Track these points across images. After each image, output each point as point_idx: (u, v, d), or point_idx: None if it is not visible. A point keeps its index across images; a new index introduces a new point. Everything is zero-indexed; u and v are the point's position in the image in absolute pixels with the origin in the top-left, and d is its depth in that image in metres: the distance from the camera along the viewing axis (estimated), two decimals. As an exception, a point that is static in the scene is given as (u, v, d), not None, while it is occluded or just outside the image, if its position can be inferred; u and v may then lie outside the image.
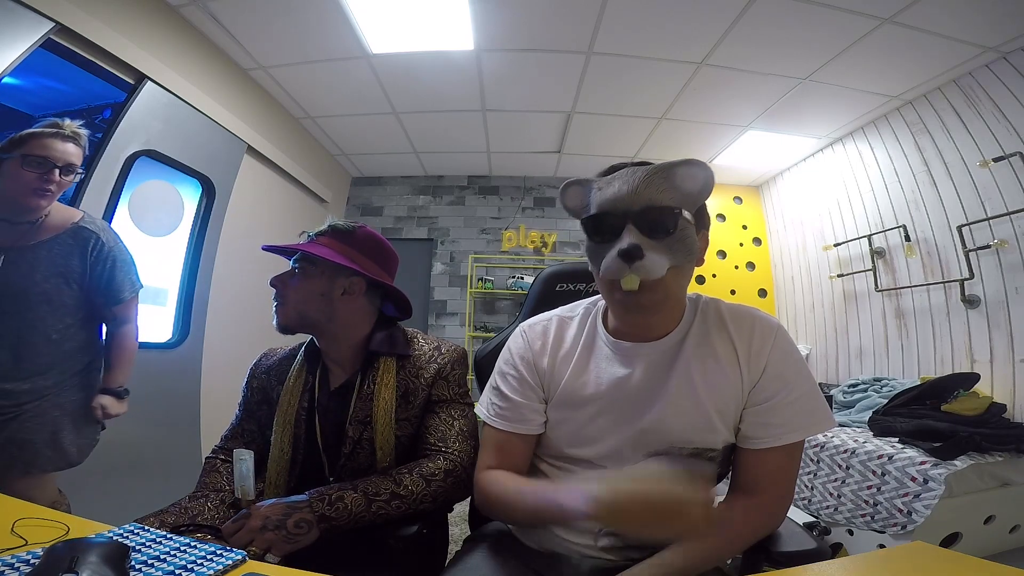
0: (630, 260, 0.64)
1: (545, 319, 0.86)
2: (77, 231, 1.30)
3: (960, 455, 1.77)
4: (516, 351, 0.84)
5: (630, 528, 0.58)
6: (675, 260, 0.67)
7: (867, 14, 2.16)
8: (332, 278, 0.95)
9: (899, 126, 2.94)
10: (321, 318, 0.94)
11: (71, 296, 1.29)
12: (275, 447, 0.93)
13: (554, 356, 0.81)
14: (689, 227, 0.69)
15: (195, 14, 2.31)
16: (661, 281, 0.66)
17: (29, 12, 1.61)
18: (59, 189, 1.23)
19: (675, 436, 0.72)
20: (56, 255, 1.25)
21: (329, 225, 0.99)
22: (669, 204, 0.67)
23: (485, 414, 0.83)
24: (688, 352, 0.74)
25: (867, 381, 2.81)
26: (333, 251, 0.94)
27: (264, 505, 0.78)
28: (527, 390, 0.80)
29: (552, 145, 3.77)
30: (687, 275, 0.72)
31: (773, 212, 4.19)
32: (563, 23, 2.37)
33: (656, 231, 0.66)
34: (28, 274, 1.21)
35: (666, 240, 0.66)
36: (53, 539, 0.57)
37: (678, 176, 0.68)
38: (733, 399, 0.72)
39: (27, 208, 1.20)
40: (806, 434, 0.71)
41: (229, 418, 1.04)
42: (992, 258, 2.34)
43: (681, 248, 0.67)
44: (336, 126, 3.54)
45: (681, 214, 0.67)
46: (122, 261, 1.37)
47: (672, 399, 0.72)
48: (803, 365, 0.74)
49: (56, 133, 1.22)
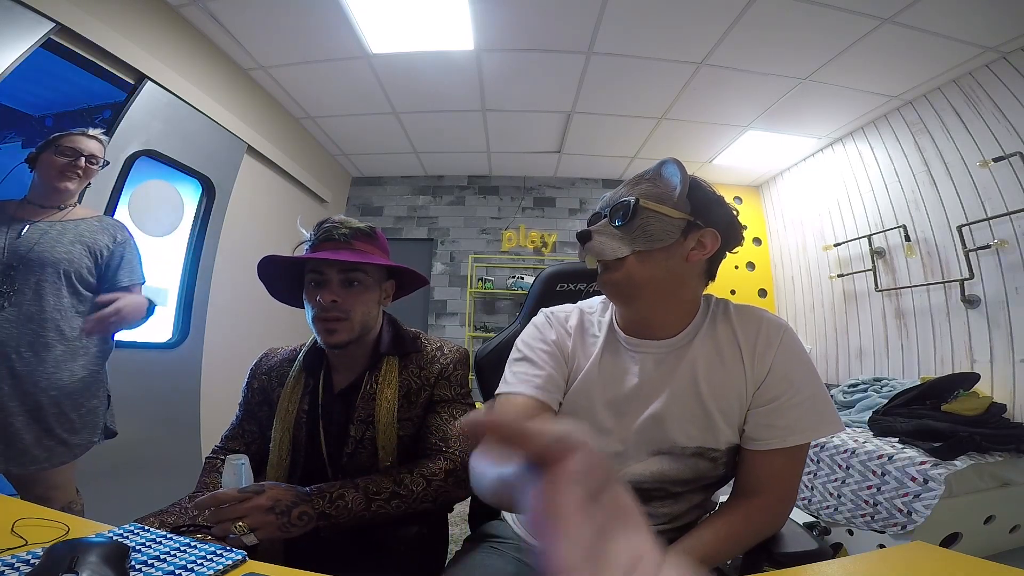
0: (583, 242, 0.73)
1: (567, 309, 0.87)
2: (103, 218, 1.48)
3: (960, 455, 1.77)
4: (544, 329, 0.83)
5: None
6: (635, 245, 0.71)
7: (867, 14, 2.16)
8: (380, 284, 0.96)
9: (899, 126, 2.94)
10: (372, 326, 0.95)
11: (89, 271, 1.37)
12: (274, 452, 0.93)
13: (576, 343, 0.82)
14: (656, 217, 0.71)
15: (195, 14, 2.31)
16: (621, 263, 0.71)
17: (29, 12, 1.61)
18: (85, 175, 1.39)
19: (676, 434, 0.72)
20: (83, 230, 1.39)
21: (351, 228, 0.92)
22: (632, 196, 0.73)
23: (507, 384, 0.78)
24: (695, 351, 0.74)
25: (867, 381, 2.81)
26: (378, 256, 0.94)
27: (275, 486, 0.75)
28: (556, 363, 0.79)
29: (552, 145, 3.77)
30: (657, 263, 0.72)
31: (773, 212, 4.20)
32: (563, 23, 2.37)
33: (617, 220, 0.73)
34: (56, 238, 1.33)
35: (623, 227, 0.72)
36: (53, 539, 0.57)
37: (661, 176, 0.75)
38: (737, 399, 0.72)
39: (56, 190, 1.35)
40: (811, 437, 0.70)
41: (229, 418, 1.04)
42: (992, 258, 2.34)
43: (641, 235, 0.71)
44: (336, 126, 3.54)
45: (640, 203, 0.72)
46: (138, 252, 1.51)
47: (674, 397, 0.72)
48: (810, 366, 0.73)
49: (83, 133, 1.41)
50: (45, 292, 1.29)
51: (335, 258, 0.88)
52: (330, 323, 0.88)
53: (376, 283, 0.95)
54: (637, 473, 0.73)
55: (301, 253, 0.95)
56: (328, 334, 0.89)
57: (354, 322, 0.90)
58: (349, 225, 0.93)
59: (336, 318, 0.88)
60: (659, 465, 0.73)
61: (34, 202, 1.35)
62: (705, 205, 0.75)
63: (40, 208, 1.35)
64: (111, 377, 1.47)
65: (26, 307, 1.26)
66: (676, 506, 0.73)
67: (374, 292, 0.94)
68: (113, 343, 1.48)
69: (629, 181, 0.77)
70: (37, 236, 1.30)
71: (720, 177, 4.21)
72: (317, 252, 0.90)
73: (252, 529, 0.69)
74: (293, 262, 0.93)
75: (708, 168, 4.03)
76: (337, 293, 0.88)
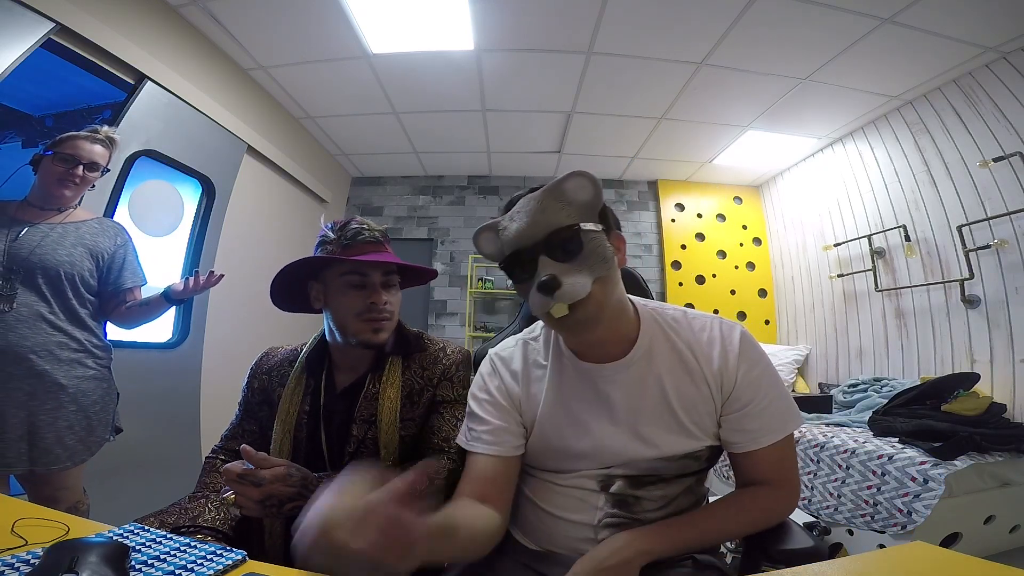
0: (550, 292, 0.65)
1: (511, 345, 0.86)
2: (103, 220, 1.48)
3: (960, 455, 1.77)
4: (488, 378, 0.83)
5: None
6: (595, 273, 0.67)
7: (867, 14, 2.16)
8: (401, 286, 0.99)
9: (899, 126, 2.94)
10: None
11: (91, 274, 1.38)
12: (274, 452, 0.93)
13: (527, 382, 0.80)
14: (597, 236, 0.69)
15: (195, 14, 2.31)
16: (589, 296, 0.67)
17: (29, 12, 1.61)
18: (83, 183, 1.38)
19: (663, 450, 0.73)
20: (84, 232, 1.39)
21: (378, 230, 0.96)
22: (568, 223, 0.68)
23: (464, 441, 0.80)
24: (660, 366, 0.75)
25: (867, 381, 2.81)
26: (393, 257, 0.96)
27: (281, 477, 0.76)
28: (503, 413, 0.79)
29: (552, 145, 3.77)
30: (614, 281, 0.72)
31: (773, 212, 4.20)
32: (563, 23, 2.37)
33: (566, 253, 0.67)
34: (58, 241, 1.33)
35: (579, 258, 0.67)
36: (53, 539, 0.57)
37: (568, 192, 0.69)
38: (707, 413, 0.74)
39: (53, 196, 1.35)
40: (781, 435, 0.73)
41: (229, 418, 1.04)
42: (992, 258, 2.34)
43: (596, 260, 0.68)
44: (336, 126, 3.54)
45: (582, 228, 0.68)
46: (137, 254, 1.52)
47: (650, 415, 0.73)
48: (770, 368, 0.75)
49: (88, 136, 1.39)
50: (50, 294, 1.29)
51: (393, 262, 0.93)
52: (378, 323, 0.92)
53: (400, 283, 0.99)
54: (626, 469, 0.74)
55: (320, 252, 0.95)
56: (375, 333, 0.92)
57: (394, 321, 0.96)
58: (375, 227, 0.96)
59: (385, 318, 0.93)
60: (648, 465, 0.74)
61: (34, 204, 1.35)
62: (602, 209, 0.73)
63: (39, 210, 1.35)
64: (114, 377, 1.48)
65: (35, 308, 1.27)
66: (669, 488, 0.75)
67: (399, 292, 0.99)
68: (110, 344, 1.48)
69: (531, 209, 0.69)
70: (38, 239, 1.30)
71: (720, 177, 4.22)
72: (363, 254, 0.92)
73: (245, 504, 0.74)
74: (304, 264, 0.94)
75: (708, 168, 4.04)
76: (388, 299, 0.94)
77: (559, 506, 0.76)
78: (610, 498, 0.73)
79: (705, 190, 4.32)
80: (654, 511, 0.74)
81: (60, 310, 1.31)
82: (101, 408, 1.38)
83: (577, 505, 0.74)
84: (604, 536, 0.72)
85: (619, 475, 0.74)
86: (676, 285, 4.12)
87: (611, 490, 0.73)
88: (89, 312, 1.38)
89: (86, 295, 1.37)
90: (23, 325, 1.25)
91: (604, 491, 0.74)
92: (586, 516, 0.73)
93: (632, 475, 0.73)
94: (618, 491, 0.73)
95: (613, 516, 0.73)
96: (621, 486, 0.73)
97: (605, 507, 0.73)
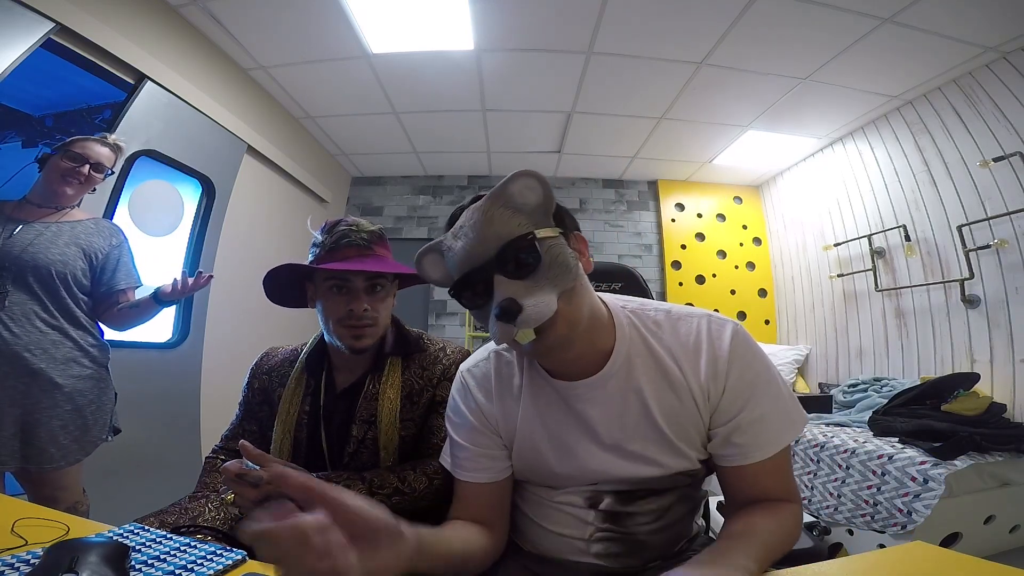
0: (511, 318, 0.56)
1: (483, 357, 0.77)
2: (98, 220, 1.48)
3: (960, 455, 1.77)
4: (463, 399, 0.76)
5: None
6: (558, 286, 0.59)
7: (867, 14, 2.16)
8: (393, 287, 0.97)
9: (899, 126, 2.94)
10: (386, 329, 0.96)
11: (84, 274, 1.37)
12: (274, 452, 0.93)
13: (501, 399, 0.73)
14: (556, 243, 0.61)
15: (195, 14, 2.31)
16: (556, 315, 0.58)
17: (29, 12, 1.61)
18: (87, 183, 1.39)
19: (655, 467, 0.68)
20: (79, 232, 1.39)
21: (368, 231, 0.93)
22: (521, 231, 0.60)
23: (448, 464, 0.77)
24: (637, 381, 0.67)
25: (867, 381, 2.81)
26: (390, 258, 0.95)
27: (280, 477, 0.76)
28: (480, 437, 0.73)
29: (552, 145, 3.77)
30: (582, 291, 0.63)
31: (773, 212, 4.19)
32: (563, 23, 2.36)
33: (523, 268, 0.59)
34: (51, 240, 1.32)
35: (538, 272, 0.59)
36: (53, 539, 0.57)
37: (515, 195, 0.62)
38: (695, 429, 0.67)
39: (56, 193, 1.35)
40: (780, 446, 0.64)
41: (229, 418, 1.04)
42: (992, 258, 2.34)
43: (558, 270, 0.59)
44: (336, 126, 3.53)
45: (537, 236, 0.60)
46: (132, 256, 1.52)
47: (637, 433, 0.67)
48: (766, 369, 0.66)
49: (98, 140, 1.41)
50: (42, 293, 1.29)
51: (369, 269, 0.89)
52: (359, 329, 0.90)
53: (392, 287, 0.97)
54: (616, 485, 0.70)
55: (312, 254, 0.94)
56: (356, 339, 0.90)
57: (379, 327, 0.93)
58: (364, 228, 0.93)
59: (366, 324, 0.90)
60: (639, 480, 0.70)
61: (32, 202, 1.35)
62: (557, 210, 0.65)
63: (37, 208, 1.35)
64: (111, 377, 1.47)
65: (27, 307, 1.26)
66: (663, 500, 0.71)
67: (391, 296, 0.96)
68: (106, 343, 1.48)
69: (476, 221, 0.61)
70: (31, 237, 1.29)
71: (720, 177, 4.21)
72: (343, 259, 0.89)
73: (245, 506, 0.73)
74: (297, 266, 0.92)
75: (708, 168, 4.03)
76: (369, 303, 0.90)
77: (552, 520, 0.73)
78: (599, 514, 0.70)
79: (705, 190, 4.32)
80: (648, 524, 0.70)
81: (55, 309, 1.31)
82: (97, 408, 1.38)
83: (568, 520, 0.72)
84: (596, 550, 0.69)
85: (608, 491, 0.70)
86: (676, 285, 4.12)
87: (600, 507, 0.70)
88: (85, 311, 1.38)
89: (79, 294, 1.37)
90: (15, 324, 1.24)
91: (592, 508, 0.70)
92: (577, 531, 0.71)
93: (622, 491, 0.70)
94: (607, 508, 0.70)
95: (605, 531, 0.70)
96: (610, 503, 0.70)
97: (595, 522, 0.70)
